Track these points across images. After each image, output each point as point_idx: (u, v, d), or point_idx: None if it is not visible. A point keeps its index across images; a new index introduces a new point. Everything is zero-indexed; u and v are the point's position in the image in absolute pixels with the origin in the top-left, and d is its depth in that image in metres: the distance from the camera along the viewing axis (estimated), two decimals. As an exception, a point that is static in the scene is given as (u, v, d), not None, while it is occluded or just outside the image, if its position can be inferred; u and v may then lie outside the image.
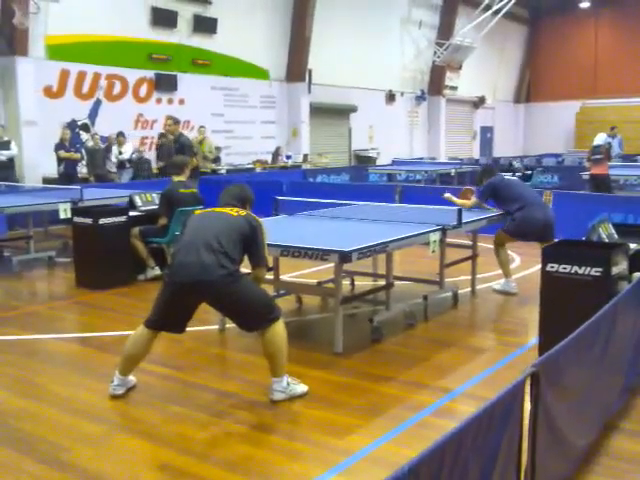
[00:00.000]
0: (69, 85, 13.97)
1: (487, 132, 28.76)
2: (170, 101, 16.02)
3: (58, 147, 12.64)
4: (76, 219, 7.67)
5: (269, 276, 6.18)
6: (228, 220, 4.27)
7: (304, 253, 4.97)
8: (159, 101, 15.80)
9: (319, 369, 4.86)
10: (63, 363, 5.24)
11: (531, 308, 6.22)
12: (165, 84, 15.75)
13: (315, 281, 6.89)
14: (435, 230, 5.77)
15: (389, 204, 8.47)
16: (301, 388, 4.37)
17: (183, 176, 7.96)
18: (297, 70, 18.90)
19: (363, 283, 7.15)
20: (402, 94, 23.54)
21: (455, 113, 26.55)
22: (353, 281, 7.13)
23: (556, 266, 4.58)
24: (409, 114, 24.20)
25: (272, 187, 11.42)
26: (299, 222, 6.65)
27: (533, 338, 5.36)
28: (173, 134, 10.86)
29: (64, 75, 13.83)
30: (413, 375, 4.77)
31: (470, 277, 7.11)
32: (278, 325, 4.23)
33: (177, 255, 4.21)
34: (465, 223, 6.15)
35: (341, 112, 21.09)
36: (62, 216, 8.27)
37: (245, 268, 4.36)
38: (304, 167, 18.01)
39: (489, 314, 6.61)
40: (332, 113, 20.69)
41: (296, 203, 7.62)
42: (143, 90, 15.47)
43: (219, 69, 17.01)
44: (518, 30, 29.47)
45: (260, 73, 18.31)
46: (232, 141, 17.59)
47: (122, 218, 7.62)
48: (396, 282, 6.12)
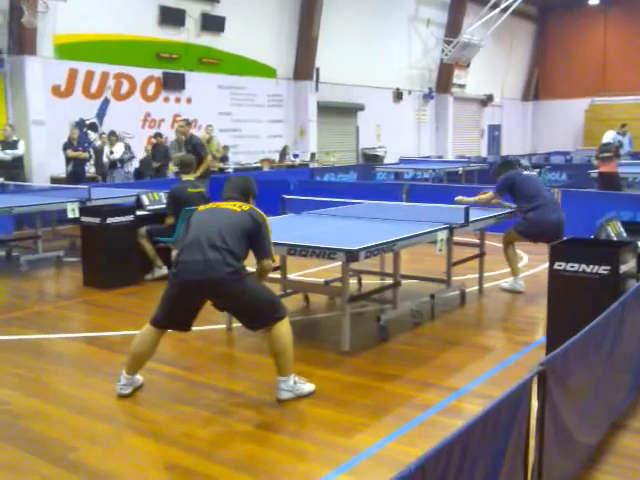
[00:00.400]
0: (77, 84, 14.03)
1: (495, 130, 28.69)
2: (178, 100, 16.07)
3: (66, 146, 12.68)
4: (84, 218, 7.69)
5: (276, 275, 6.20)
6: (232, 217, 4.25)
7: (311, 252, 4.97)
8: (167, 100, 15.85)
9: (326, 368, 4.86)
10: (71, 363, 5.26)
11: (539, 306, 6.20)
12: (173, 83, 15.79)
13: (322, 280, 6.89)
14: (442, 229, 5.76)
15: (396, 203, 8.46)
16: (308, 387, 4.36)
17: (191, 175, 7.99)
18: (304, 68, 18.90)
19: (370, 282, 7.14)
20: (410, 92, 23.52)
21: (463, 111, 26.50)
22: (360, 280, 7.13)
23: (564, 264, 4.56)
24: (417, 112, 24.17)
25: (279, 186, 11.42)
26: (306, 221, 6.65)
27: (540, 336, 5.35)
28: (185, 135, 10.86)
29: (72, 74, 13.88)
30: (420, 374, 4.76)
31: (477, 275, 7.09)
32: (284, 324, 4.23)
33: (182, 254, 4.20)
34: (472, 222, 6.14)
35: (348, 110, 21.08)
36: (70, 215, 8.30)
37: (250, 267, 4.37)
38: (311, 166, 18.01)
39: (496, 313, 6.60)
40: (339, 111, 20.69)
41: (303, 202, 7.62)
42: (151, 89, 15.51)
43: (227, 68, 17.03)
44: (526, 27, 29.37)
45: (267, 72, 18.32)
46: (239, 140, 17.62)
47: (130, 217, 7.64)
48: (403, 281, 6.11)
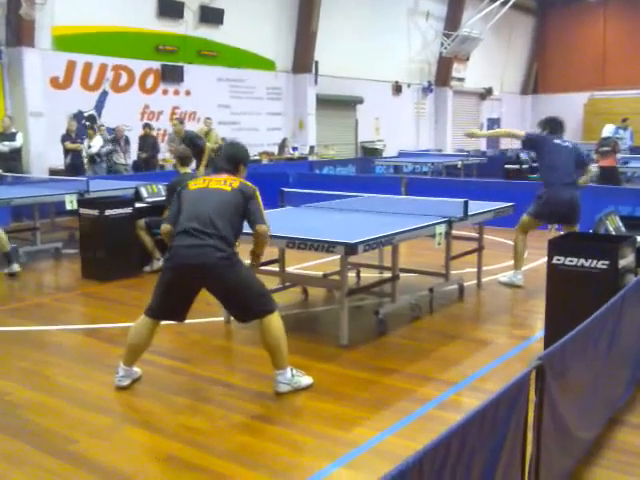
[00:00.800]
0: (75, 76, 13.97)
1: (494, 124, 28.61)
2: (176, 92, 16.02)
3: (64, 138, 12.64)
4: (82, 210, 7.68)
5: (275, 268, 6.20)
6: (222, 199, 4.19)
7: (310, 245, 4.97)
8: (165, 92, 15.80)
9: (324, 361, 4.86)
10: (70, 355, 5.26)
11: (537, 301, 6.21)
12: (171, 75, 15.74)
13: (321, 273, 6.89)
14: (441, 222, 5.77)
15: (395, 196, 8.46)
16: (306, 380, 4.36)
17: (188, 167, 7.97)
18: (304, 61, 18.85)
19: (369, 275, 7.14)
20: (409, 85, 23.46)
21: (462, 105, 26.44)
22: (359, 273, 7.14)
23: (562, 259, 4.56)
24: (416, 106, 24.12)
25: (278, 179, 11.41)
26: (305, 214, 6.65)
27: (539, 331, 5.36)
28: (180, 134, 10.83)
29: (70, 66, 13.83)
30: (418, 368, 4.77)
31: (476, 269, 7.09)
32: (274, 317, 4.21)
33: (176, 240, 4.20)
34: (471, 215, 6.14)
35: (347, 104, 21.03)
36: (68, 207, 8.29)
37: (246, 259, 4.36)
38: (310, 159, 17.98)
39: (495, 307, 6.60)
40: (338, 105, 20.64)
41: (302, 195, 7.61)
42: (149, 81, 15.46)
43: (225, 60, 16.97)
44: (526, 21, 29.28)
45: (266, 64, 18.26)
46: (238, 133, 17.54)
47: (128, 210, 7.64)
48: (402, 274, 6.11)
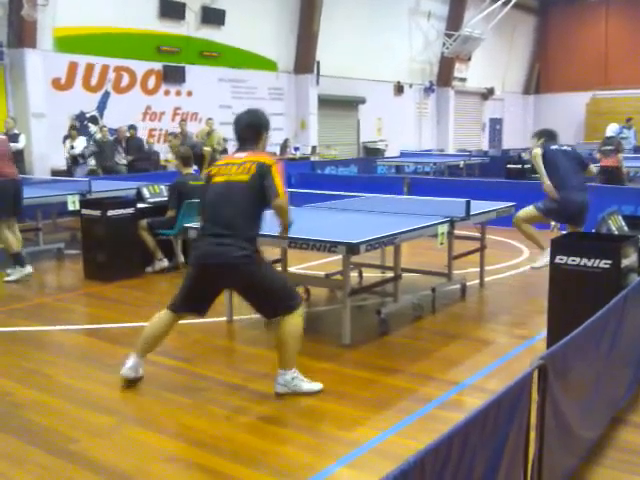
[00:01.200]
0: (77, 77, 14.00)
1: (496, 124, 28.63)
2: (178, 93, 16.04)
3: (66, 139, 12.66)
4: (84, 211, 7.68)
5: (277, 268, 6.19)
6: (241, 196, 4.18)
7: (312, 245, 4.97)
8: (167, 93, 15.82)
9: (326, 361, 4.86)
10: (72, 355, 5.27)
11: (539, 300, 6.19)
12: (173, 76, 15.76)
13: (323, 273, 6.89)
14: (443, 222, 5.76)
15: (397, 196, 8.46)
16: (308, 386, 4.28)
17: (191, 168, 8.00)
18: (305, 62, 18.86)
19: (371, 275, 7.14)
20: (410, 86, 23.46)
21: (464, 105, 26.44)
22: (361, 273, 7.13)
23: (565, 258, 4.55)
24: (417, 106, 24.12)
25: (280, 179, 11.39)
26: (307, 214, 6.64)
27: (541, 330, 5.35)
28: (175, 150, 10.93)
29: (72, 67, 13.85)
30: (420, 367, 4.77)
31: (478, 269, 7.09)
32: (296, 316, 4.20)
33: (199, 240, 4.31)
34: (473, 215, 6.14)
35: (349, 104, 21.03)
36: (70, 208, 8.31)
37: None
38: (312, 159, 17.98)
39: (497, 306, 6.59)
40: (340, 105, 20.64)
41: (304, 195, 7.60)
42: (151, 82, 15.48)
43: (227, 61, 16.99)
44: (527, 20, 29.26)
45: (268, 65, 18.27)
46: (240, 133, 17.56)
47: (130, 210, 7.64)
48: (404, 274, 6.11)
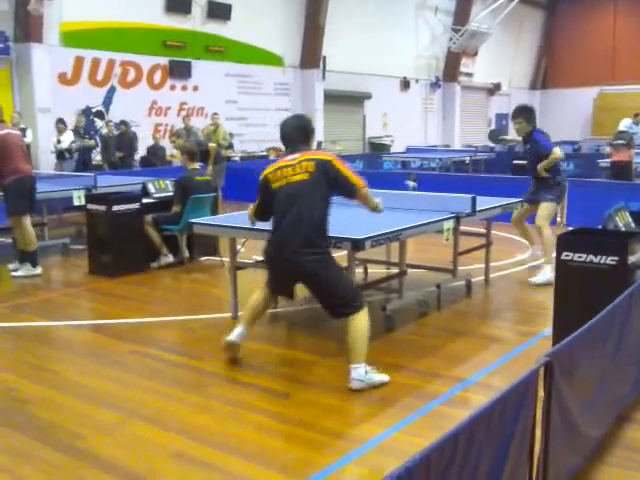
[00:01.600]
0: (83, 72, 14.02)
1: (502, 119, 28.50)
2: (184, 88, 16.04)
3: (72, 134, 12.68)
4: (90, 206, 7.69)
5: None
6: (307, 191, 4.34)
7: (317, 241, 4.94)
8: (173, 88, 15.82)
9: (332, 357, 4.85)
10: (78, 350, 5.27)
11: (545, 297, 6.18)
12: (179, 71, 15.76)
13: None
14: (449, 218, 5.74)
15: (403, 192, 8.43)
16: (379, 377, 4.35)
17: (196, 163, 8.00)
18: (311, 57, 18.83)
19: (376, 271, 7.12)
20: (417, 81, 23.41)
21: (470, 100, 26.37)
22: (366, 269, 7.12)
23: (571, 255, 4.53)
24: (424, 101, 24.07)
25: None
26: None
27: (547, 327, 5.32)
28: (179, 146, 10.90)
29: (78, 62, 13.87)
30: (426, 364, 4.75)
31: (484, 265, 7.07)
32: (360, 315, 4.32)
33: (272, 241, 4.48)
34: (479, 211, 6.12)
35: (355, 99, 20.99)
36: (76, 203, 8.32)
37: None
38: (318, 154, 17.93)
39: (503, 303, 6.58)
40: (346, 100, 20.61)
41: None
42: (157, 77, 15.49)
43: (233, 56, 16.98)
44: (534, 15, 29.14)
45: (274, 60, 18.25)
46: (246, 128, 17.58)
47: (136, 205, 7.63)
48: (409, 270, 6.09)
